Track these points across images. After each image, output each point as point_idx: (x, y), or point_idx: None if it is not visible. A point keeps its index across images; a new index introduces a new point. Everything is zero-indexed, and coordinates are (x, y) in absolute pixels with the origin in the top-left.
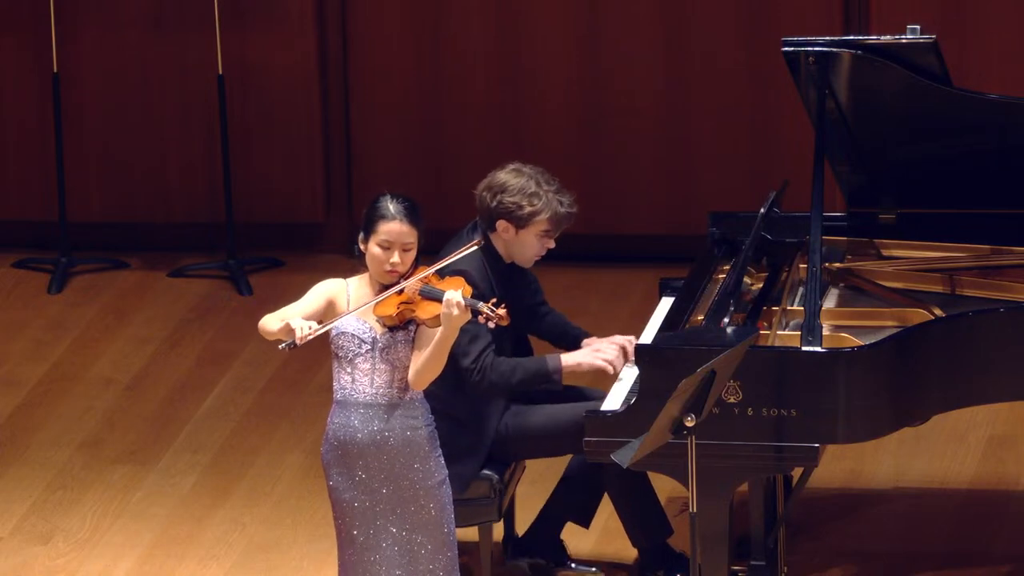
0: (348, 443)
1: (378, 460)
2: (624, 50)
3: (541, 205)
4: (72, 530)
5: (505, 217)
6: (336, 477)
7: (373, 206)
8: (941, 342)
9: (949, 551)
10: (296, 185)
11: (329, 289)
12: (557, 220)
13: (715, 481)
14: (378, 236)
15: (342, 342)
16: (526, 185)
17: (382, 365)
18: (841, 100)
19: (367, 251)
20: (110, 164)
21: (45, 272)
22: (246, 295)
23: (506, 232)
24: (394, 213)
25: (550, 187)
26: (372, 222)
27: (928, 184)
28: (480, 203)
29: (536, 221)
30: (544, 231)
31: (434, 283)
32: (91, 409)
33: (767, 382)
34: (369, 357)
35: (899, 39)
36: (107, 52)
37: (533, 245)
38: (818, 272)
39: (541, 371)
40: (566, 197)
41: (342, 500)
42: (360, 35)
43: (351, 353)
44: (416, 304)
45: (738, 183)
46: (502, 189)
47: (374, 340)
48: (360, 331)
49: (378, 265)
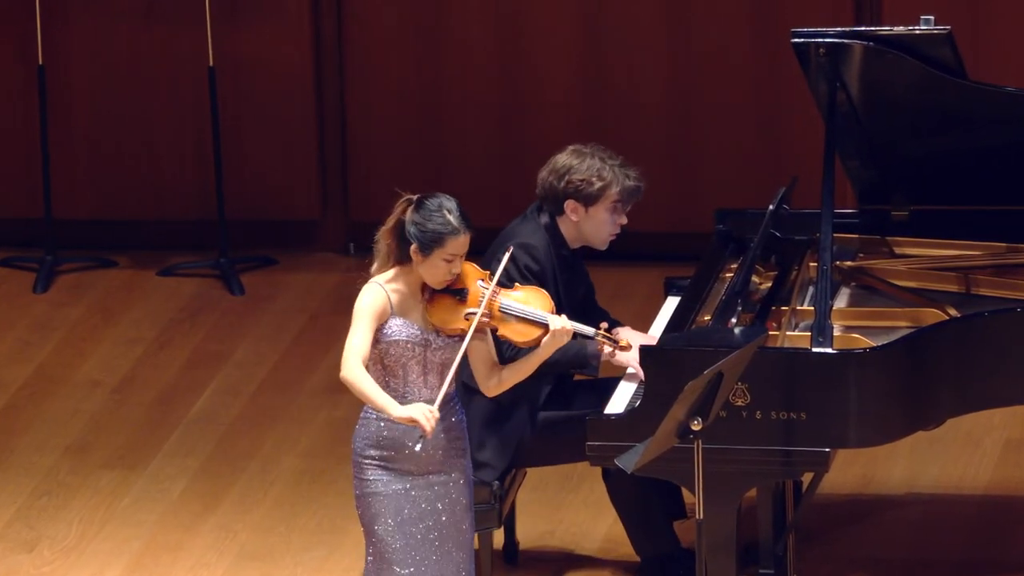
0: (400, 447)
1: (429, 458)
2: (627, 42)
3: (610, 178)
4: (58, 538)
5: (574, 196)
6: (377, 472)
7: (432, 220)
8: (956, 343)
9: (964, 559)
10: (290, 181)
11: (374, 304)
12: (626, 193)
13: (722, 487)
14: (445, 251)
15: (394, 351)
16: (591, 162)
17: (434, 369)
18: (852, 93)
19: (424, 262)
20: (97, 159)
21: (30, 271)
22: (238, 295)
23: (575, 213)
24: (458, 226)
25: (615, 162)
26: (439, 237)
27: (942, 180)
28: (545, 188)
29: (606, 195)
30: (614, 204)
31: (512, 297)
32: (77, 412)
33: (776, 384)
34: (420, 360)
35: (912, 30)
36: (95, 43)
37: (606, 222)
38: (828, 271)
39: (580, 355)
40: (632, 171)
41: (380, 495)
42: (357, 27)
43: (403, 359)
44: (497, 320)
45: (746, 179)
46: (568, 170)
47: (426, 343)
48: (412, 337)
49: (440, 276)
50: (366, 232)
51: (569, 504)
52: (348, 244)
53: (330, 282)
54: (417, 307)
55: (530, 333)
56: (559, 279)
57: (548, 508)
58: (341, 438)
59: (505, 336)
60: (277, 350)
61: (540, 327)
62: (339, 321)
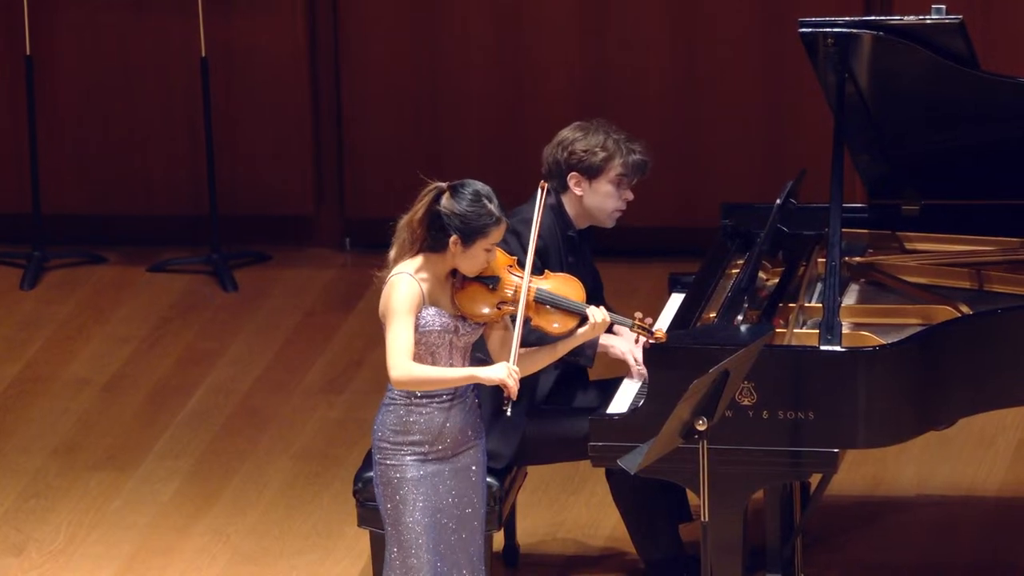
0: (427, 430)
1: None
2: (630, 31)
3: (613, 149)
4: (46, 541)
5: (577, 168)
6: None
7: (475, 210)
8: (968, 341)
9: (976, 562)
10: (284, 175)
11: (411, 297)
12: (631, 166)
13: (728, 488)
14: (488, 241)
15: (426, 340)
16: (596, 135)
17: (458, 352)
18: (862, 84)
19: (463, 252)
20: (86, 152)
21: (17, 267)
22: (230, 291)
23: (579, 186)
24: (499, 215)
25: (619, 135)
26: (483, 228)
27: (954, 173)
28: (549, 162)
29: (610, 167)
30: (619, 177)
31: (544, 286)
32: (66, 412)
33: (783, 383)
34: (448, 346)
35: (923, 19)
36: (84, 33)
37: (611, 195)
38: (837, 267)
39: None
40: (637, 144)
41: (410, 480)
42: (353, 16)
43: (433, 347)
44: (532, 310)
45: (752, 172)
46: (572, 142)
47: (456, 329)
48: (445, 325)
49: (479, 266)
50: (362, 227)
51: (571, 506)
52: (344, 240)
53: (325, 278)
54: (445, 294)
55: (566, 324)
56: (564, 260)
57: (549, 510)
58: (336, 439)
59: (539, 326)
60: (271, 348)
61: (576, 317)
62: (335, 318)
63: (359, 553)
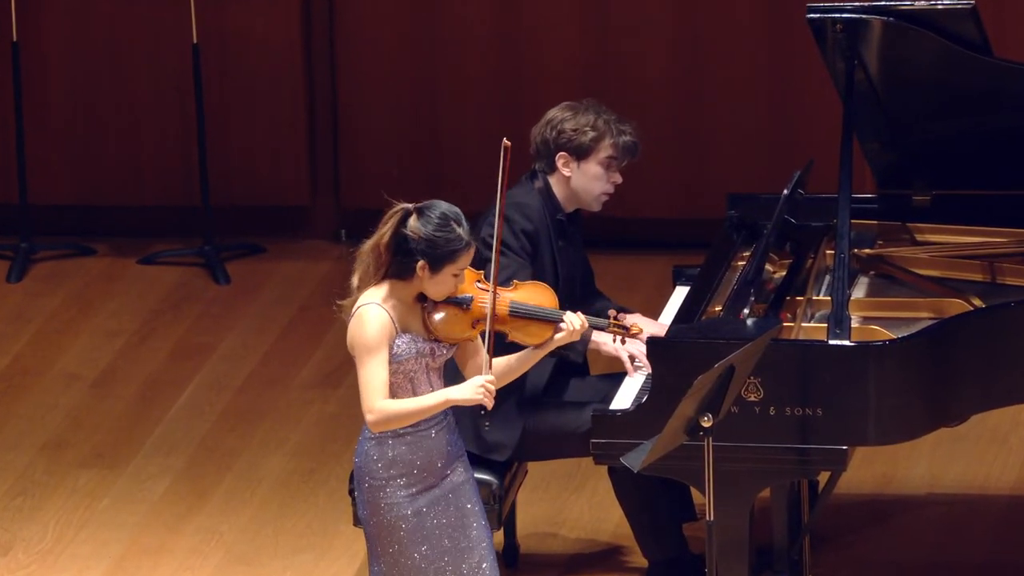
0: (412, 461)
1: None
2: (633, 19)
3: (604, 129)
4: (33, 540)
5: (565, 148)
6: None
7: (443, 234)
8: (980, 335)
9: (988, 562)
10: (278, 165)
11: (383, 330)
12: (621, 148)
13: (734, 486)
14: (456, 266)
15: (405, 368)
16: (585, 114)
17: (435, 373)
18: (871, 71)
19: (431, 277)
20: (75, 141)
21: (4, 259)
22: (223, 284)
23: (567, 167)
24: (468, 239)
25: (609, 116)
26: (452, 254)
27: (965, 163)
28: (537, 141)
29: (600, 147)
30: (608, 159)
31: (515, 297)
32: (54, 408)
33: (791, 379)
34: (425, 369)
35: (935, 4)
36: (72, 19)
37: (599, 177)
38: (846, 259)
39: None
40: (627, 125)
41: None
42: (349, 2)
43: (411, 373)
44: (508, 324)
45: (759, 162)
46: (560, 121)
47: (432, 352)
48: (420, 351)
49: (448, 290)
50: (358, 219)
51: (573, 504)
52: (339, 231)
53: (320, 271)
54: (416, 317)
55: (543, 332)
56: (554, 244)
57: (550, 508)
58: (332, 435)
59: (517, 339)
60: (265, 342)
61: (551, 324)
62: (330, 312)
63: (355, 552)
